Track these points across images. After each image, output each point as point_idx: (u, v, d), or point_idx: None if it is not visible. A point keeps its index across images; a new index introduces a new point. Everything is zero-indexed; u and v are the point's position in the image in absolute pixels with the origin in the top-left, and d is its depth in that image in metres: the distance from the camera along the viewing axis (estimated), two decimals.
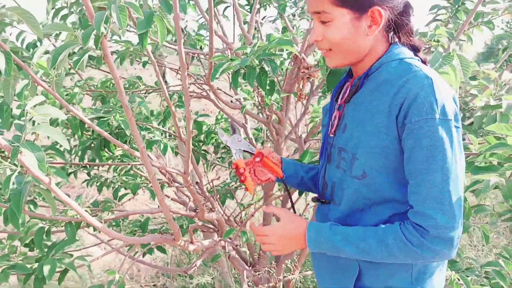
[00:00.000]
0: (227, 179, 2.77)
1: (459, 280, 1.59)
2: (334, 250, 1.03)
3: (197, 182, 2.00)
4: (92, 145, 1.76)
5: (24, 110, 0.85)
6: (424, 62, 1.07)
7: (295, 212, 1.30)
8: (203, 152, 2.60)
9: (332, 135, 1.15)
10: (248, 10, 2.54)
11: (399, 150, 0.97)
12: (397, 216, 1.02)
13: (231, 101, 2.30)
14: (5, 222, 1.21)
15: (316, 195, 1.27)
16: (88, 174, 2.47)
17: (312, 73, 1.95)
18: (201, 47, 2.79)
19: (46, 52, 1.93)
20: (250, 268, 2.20)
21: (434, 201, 0.92)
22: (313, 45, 1.94)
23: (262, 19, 2.70)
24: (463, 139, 1.28)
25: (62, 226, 1.50)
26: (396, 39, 1.06)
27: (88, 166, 2.20)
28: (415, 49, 1.08)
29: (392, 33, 1.05)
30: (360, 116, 1.04)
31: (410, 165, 0.95)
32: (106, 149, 1.81)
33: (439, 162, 0.91)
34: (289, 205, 1.40)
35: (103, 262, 3.72)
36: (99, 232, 2.03)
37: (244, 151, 1.28)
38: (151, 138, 1.83)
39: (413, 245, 0.94)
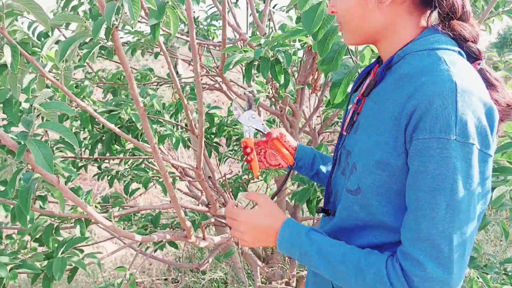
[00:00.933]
0: (239, 171, 2.73)
1: (478, 278, 1.54)
2: (304, 260, 0.85)
3: (209, 177, 1.96)
4: (103, 138, 1.73)
5: (32, 105, 0.80)
6: (476, 56, 0.81)
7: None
8: (215, 144, 2.56)
9: (345, 133, 0.95)
10: None
11: (405, 170, 0.76)
12: (391, 246, 0.82)
13: (244, 93, 2.25)
14: (12, 220, 1.18)
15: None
16: (99, 167, 2.45)
17: None
18: (213, 38, 2.74)
19: (57, 43, 1.89)
20: (264, 264, 2.17)
21: (429, 245, 0.71)
22: None
23: (273, 7, 2.63)
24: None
25: (72, 223, 1.47)
26: (435, 22, 0.83)
27: (98, 159, 2.17)
28: (463, 40, 0.80)
29: (429, 12, 0.83)
30: (374, 117, 0.83)
31: (411, 192, 0.75)
32: (116, 143, 1.77)
33: (445, 196, 0.69)
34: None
35: (115, 255, 3.72)
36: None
37: (257, 130, 1.15)
38: (162, 132, 1.78)
39: None
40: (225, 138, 2.62)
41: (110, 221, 1.09)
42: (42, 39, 2.08)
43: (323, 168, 1.18)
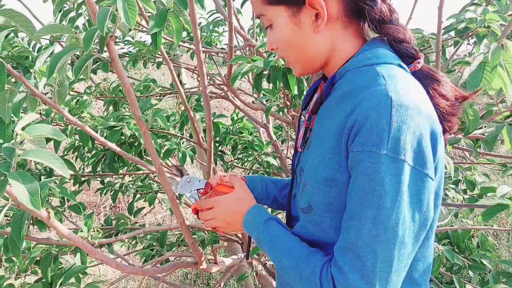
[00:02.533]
0: None
1: None
2: (261, 245, 0.90)
3: None
4: (104, 157, 1.61)
5: (13, 130, 0.69)
6: (413, 56, 0.81)
7: (247, 256, 1.20)
8: (220, 153, 2.45)
9: (299, 150, 0.94)
10: None
11: None
12: None
13: (253, 102, 2.14)
14: (4, 252, 1.07)
15: None
16: (102, 182, 2.35)
17: None
18: (216, 44, 2.64)
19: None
20: None
21: (354, 256, 0.70)
22: None
23: None
24: None
25: (72, 250, 1.35)
26: (373, 34, 0.84)
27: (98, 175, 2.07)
28: (399, 41, 0.81)
29: (363, 24, 0.83)
30: (320, 134, 0.82)
31: (347, 203, 0.74)
32: (119, 161, 1.65)
33: (373, 210, 0.68)
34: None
35: (118, 273, 3.60)
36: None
37: (198, 189, 1.11)
38: (168, 146, 1.67)
39: None
40: (230, 146, 2.52)
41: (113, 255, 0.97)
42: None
43: (280, 193, 1.15)
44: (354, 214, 0.71)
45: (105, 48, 0.80)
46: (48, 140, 1.15)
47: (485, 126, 1.37)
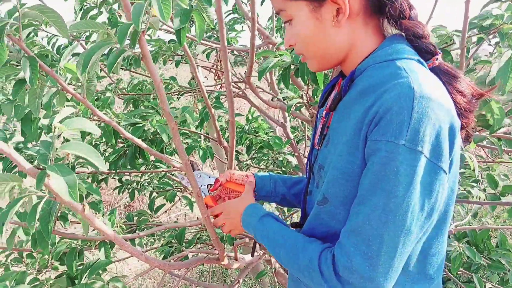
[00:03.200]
0: None
1: None
2: (259, 240, 0.94)
3: None
4: (126, 153, 1.63)
5: (51, 124, 0.70)
6: (432, 52, 0.82)
7: (253, 254, 1.27)
8: (235, 152, 2.45)
9: (316, 147, 0.94)
10: None
11: None
12: None
13: (272, 100, 2.14)
14: (33, 245, 1.08)
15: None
16: (120, 180, 2.37)
17: None
18: (234, 43, 2.65)
19: (75, 55, 1.81)
20: None
21: (361, 239, 0.71)
22: None
23: None
24: None
25: (96, 245, 1.37)
26: (392, 30, 0.85)
27: (119, 172, 2.08)
28: (418, 36, 0.82)
29: (382, 20, 0.84)
30: (340, 129, 0.84)
31: (359, 189, 0.75)
32: (140, 157, 1.67)
33: (383, 197, 0.70)
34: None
35: (136, 269, 3.63)
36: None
37: (209, 185, 1.16)
38: (189, 143, 1.68)
39: (323, 276, 0.75)
40: (245, 146, 2.53)
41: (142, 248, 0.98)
42: (61, 52, 2.01)
43: (288, 191, 1.17)
44: (365, 200, 0.72)
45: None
46: None
47: (509, 125, 1.36)
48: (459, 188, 1.87)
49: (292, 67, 1.26)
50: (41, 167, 0.68)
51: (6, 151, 0.62)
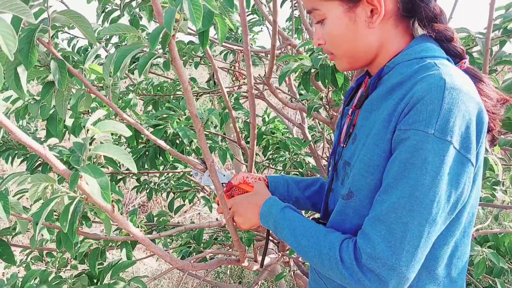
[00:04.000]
0: None
1: None
2: (278, 232, 0.92)
3: None
4: (147, 153, 1.64)
5: (84, 126, 0.71)
6: (460, 55, 0.83)
7: (262, 265, 1.27)
8: None
9: (342, 145, 0.94)
10: None
11: None
12: None
13: (291, 101, 2.14)
14: (58, 246, 1.10)
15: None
16: (138, 180, 2.39)
17: None
18: (252, 45, 2.66)
19: (97, 57, 1.83)
20: None
21: (385, 227, 0.71)
22: None
23: None
24: None
25: (118, 246, 1.38)
26: (421, 31, 0.85)
27: (138, 172, 2.10)
28: (448, 40, 0.83)
29: (413, 22, 0.85)
30: (368, 125, 0.84)
31: (384, 177, 0.76)
32: (161, 157, 1.68)
33: (410, 186, 0.70)
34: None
35: (153, 270, 3.65)
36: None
37: (222, 183, 1.14)
38: (208, 144, 1.69)
39: (343, 264, 0.75)
40: (262, 147, 2.53)
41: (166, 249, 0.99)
42: (82, 54, 2.03)
43: (302, 194, 1.17)
44: (391, 188, 0.72)
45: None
46: None
47: None
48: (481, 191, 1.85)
49: (312, 70, 1.26)
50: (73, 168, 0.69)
51: (42, 152, 0.63)
